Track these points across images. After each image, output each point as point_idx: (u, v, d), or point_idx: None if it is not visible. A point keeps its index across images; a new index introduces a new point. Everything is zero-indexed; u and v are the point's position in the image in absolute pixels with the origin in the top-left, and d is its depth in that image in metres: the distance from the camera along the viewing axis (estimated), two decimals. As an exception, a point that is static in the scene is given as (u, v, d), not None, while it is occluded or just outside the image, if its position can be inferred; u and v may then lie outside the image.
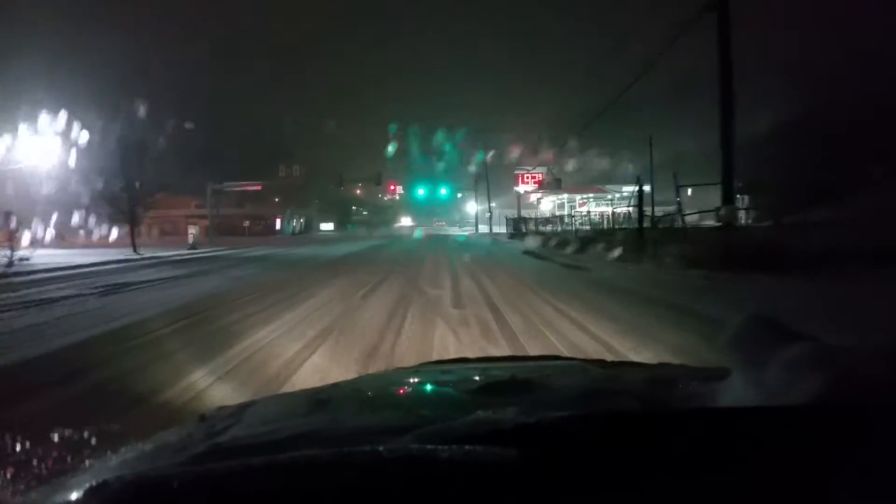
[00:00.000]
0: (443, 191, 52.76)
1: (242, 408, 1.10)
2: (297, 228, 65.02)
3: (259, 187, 48.42)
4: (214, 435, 0.89)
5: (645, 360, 3.92)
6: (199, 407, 3.13)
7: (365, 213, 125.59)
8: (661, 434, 0.60)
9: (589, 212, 46.36)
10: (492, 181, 52.29)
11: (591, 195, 62.64)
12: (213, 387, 3.87)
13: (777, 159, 16.92)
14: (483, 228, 53.12)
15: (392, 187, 53.18)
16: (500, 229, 51.21)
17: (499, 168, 53.86)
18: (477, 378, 1.28)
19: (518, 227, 40.54)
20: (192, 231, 41.74)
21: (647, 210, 20.50)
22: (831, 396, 0.63)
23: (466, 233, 56.06)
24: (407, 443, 0.62)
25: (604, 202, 68.67)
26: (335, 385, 1.41)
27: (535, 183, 52.90)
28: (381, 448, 0.56)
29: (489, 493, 0.53)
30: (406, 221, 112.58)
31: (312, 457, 0.58)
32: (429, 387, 1.41)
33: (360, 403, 1.13)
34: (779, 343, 0.75)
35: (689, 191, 54.00)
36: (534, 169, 52.36)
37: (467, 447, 0.55)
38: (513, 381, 1.11)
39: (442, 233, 59.56)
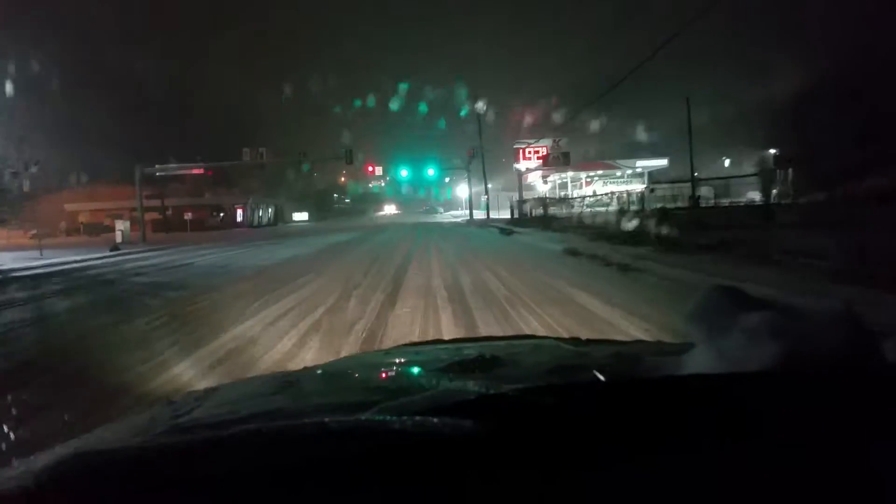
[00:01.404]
0: (430, 171, 44.84)
1: (210, 391, 1.09)
2: (266, 219, 56.93)
3: (202, 171, 40.29)
4: (178, 417, 0.88)
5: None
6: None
7: (347, 201, 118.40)
8: (618, 404, 0.60)
9: (595, 192, 39.45)
10: (487, 162, 44.58)
11: (598, 172, 55.05)
12: None
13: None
14: (479, 214, 45.43)
15: (370, 168, 45.00)
16: (497, 214, 43.55)
17: (496, 147, 46.02)
18: (448, 358, 1.22)
19: (524, 210, 32.85)
20: (121, 227, 33.78)
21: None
22: (789, 364, 0.64)
23: (459, 219, 48.37)
24: (370, 416, 0.61)
25: (611, 181, 61.34)
26: (305, 368, 1.41)
27: (538, 159, 45.14)
28: (326, 419, 0.56)
29: (442, 462, 0.53)
30: (390, 209, 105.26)
31: (255, 431, 0.57)
32: (399, 367, 1.41)
33: (326, 384, 1.11)
34: (740, 312, 0.75)
35: (727, 162, 45.68)
36: (537, 142, 44.56)
37: (419, 418, 0.56)
38: (481, 359, 1.12)
39: (429, 220, 51.68)
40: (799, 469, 0.54)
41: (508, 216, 43.87)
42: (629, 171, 58.77)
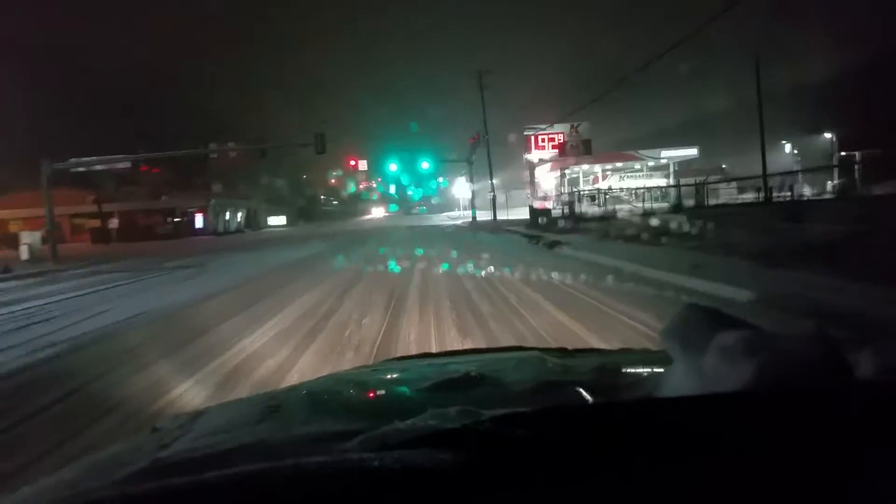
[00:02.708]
0: (424, 164, 37.50)
1: (194, 417, 1.09)
2: (235, 225, 49.30)
3: (131, 166, 32.71)
4: (161, 448, 0.88)
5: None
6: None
7: (335, 203, 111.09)
8: (595, 430, 0.62)
9: (611, 187, 32.51)
10: (483, 158, 37.22)
11: (617, 164, 47.84)
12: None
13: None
14: (482, 215, 38.06)
15: (352, 162, 37.55)
16: (504, 215, 36.25)
17: (499, 141, 38.60)
18: (433, 376, 1.23)
19: (541, 213, 25.56)
20: (27, 240, 26.12)
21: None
22: (763, 383, 0.66)
23: (458, 221, 41.04)
24: (348, 450, 0.64)
25: (629, 174, 54.29)
26: (291, 388, 1.40)
27: (553, 147, 37.85)
28: (303, 461, 0.58)
29: (420, 499, 0.54)
30: (378, 212, 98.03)
31: (236, 475, 0.58)
32: (385, 387, 1.42)
33: (311, 409, 1.11)
34: (716, 331, 0.77)
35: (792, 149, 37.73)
36: (551, 128, 37.31)
37: (397, 453, 0.57)
38: (466, 378, 1.13)
39: (424, 222, 44.28)
40: (774, 486, 0.54)
41: (516, 217, 36.59)
42: (650, 163, 51.65)
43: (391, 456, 0.56)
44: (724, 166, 57.84)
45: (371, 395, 1.32)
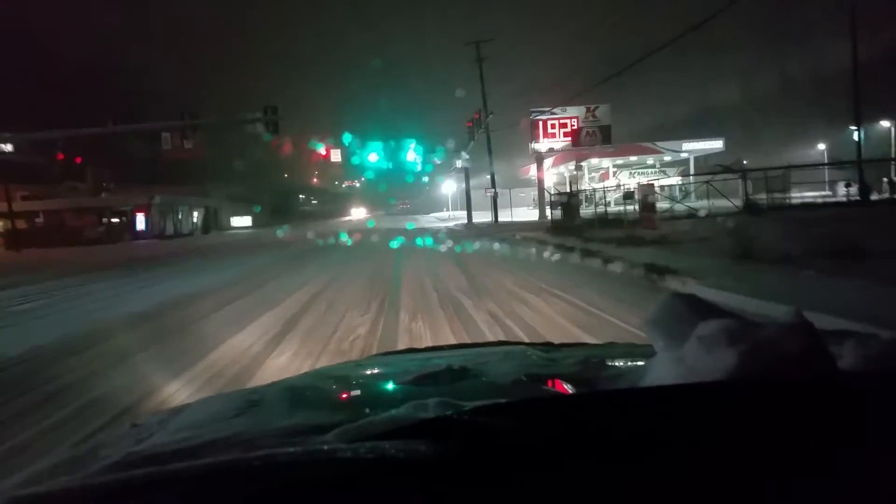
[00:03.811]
0: (411, 154, 31.01)
1: (174, 413, 1.09)
2: (189, 226, 42.36)
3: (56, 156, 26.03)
4: (137, 442, 0.88)
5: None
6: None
7: (314, 202, 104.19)
8: (574, 421, 0.61)
9: (620, 184, 26.48)
10: (480, 150, 30.90)
11: (632, 158, 41.75)
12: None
13: None
14: (480, 216, 31.68)
15: (325, 152, 30.92)
16: (506, 216, 29.94)
17: (499, 128, 32.14)
18: (416, 370, 1.21)
19: (567, 211, 19.28)
20: None
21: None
22: (743, 372, 0.66)
23: (449, 223, 34.63)
24: (324, 442, 0.63)
25: (640, 170, 48.30)
26: (273, 384, 1.35)
27: (565, 135, 31.55)
28: (275, 451, 0.57)
29: (391, 488, 0.54)
30: (359, 212, 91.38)
31: (204, 466, 0.58)
32: (368, 381, 1.42)
33: (292, 403, 1.09)
34: (698, 320, 0.76)
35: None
36: (563, 112, 30.99)
37: (370, 444, 0.56)
38: (449, 370, 1.13)
39: (408, 223, 37.78)
40: (756, 477, 0.54)
41: (520, 219, 30.22)
42: (667, 157, 45.66)
43: (364, 447, 0.55)
44: (744, 161, 52.44)
45: (352, 389, 1.30)
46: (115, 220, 35.93)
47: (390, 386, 1.25)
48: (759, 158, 50.19)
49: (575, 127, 31.35)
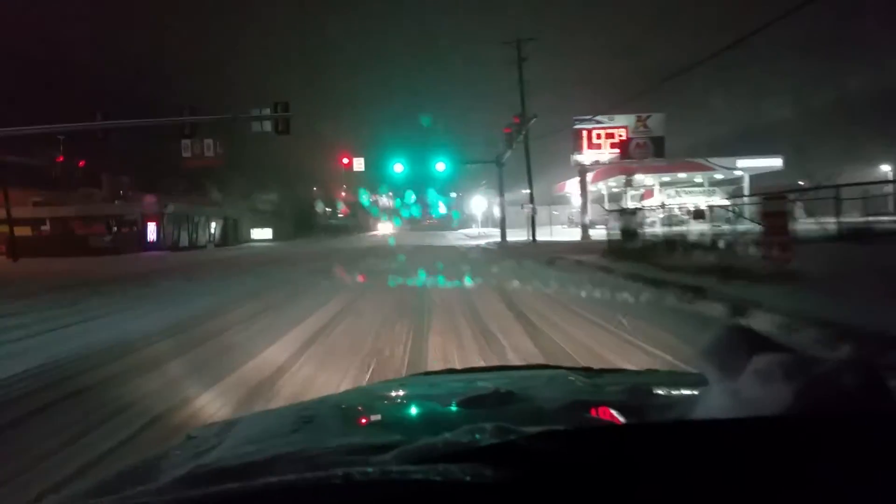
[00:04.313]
0: (439, 165, 28.19)
1: (228, 426, 1.09)
2: (206, 237, 40.27)
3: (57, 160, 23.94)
4: (199, 455, 0.89)
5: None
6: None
7: (340, 215, 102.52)
8: (632, 449, 0.62)
9: (664, 204, 23.11)
10: (512, 166, 27.98)
11: (681, 174, 38.33)
12: None
13: None
14: (513, 234, 28.66)
15: (345, 160, 28.34)
16: (544, 235, 26.85)
17: (537, 140, 29.15)
18: (462, 391, 1.20)
19: (628, 233, 16.19)
20: None
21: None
22: (801, 408, 0.65)
23: (480, 241, 31.69)
24: (387, 462, 0.64)
25: (685, 189, 44.81)
26: (322, 400, 1.40)
27: (612, 147, 28.43)
28: (353, 471, 0.59)
29: None
30: (386, 227, 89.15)
31: (288, 483, 0.60)
32: (415, 401, 1.40)
33: (344, 420, 1.12)
34: (754, 353, 0.76)
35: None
36: (611, 121, 27.89)
37: (441, 466, 0.58)
38: (496, 394, 1.12)
39: (438, 241, 34.86)
40: None
41: (560, 238, 27.10)
42: (718, 176, 42.07)
43: (435, 469, 0.57)
44: (801, 182, 48.52)
45: (402, 408, 1.29)
46: (125, 229, 33.90)
47: (439, 407, 1.20)
48: (816, 178, 46.26)
49: (624, 138, 28.21)
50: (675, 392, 1.18)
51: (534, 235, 26.13)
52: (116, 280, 14.96)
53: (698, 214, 17.46)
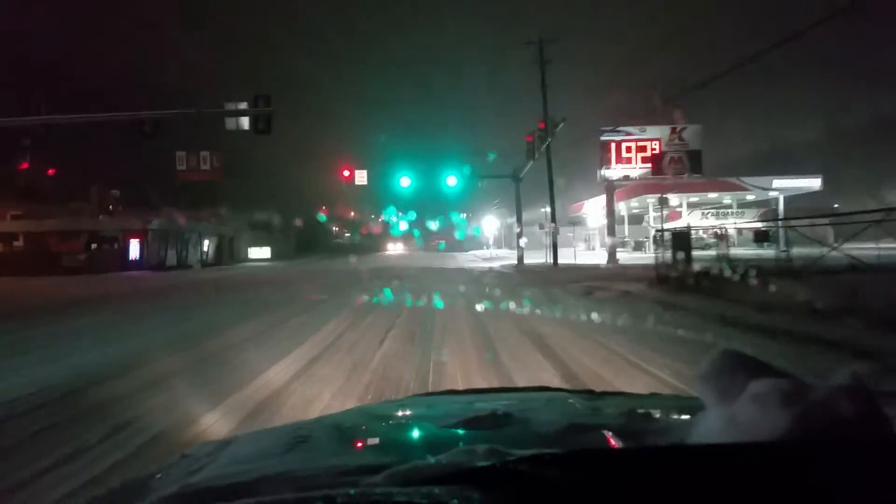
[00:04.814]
0: (450, 179, 25.30)
1: (222, 445, 1.09)
2: (198, 255, 37.48)
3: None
4: (190, 474, 0.90)
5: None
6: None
7: (347, 235, 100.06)
8: (627, 475, 0.62)
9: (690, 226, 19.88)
10: (527, 183, 25.10)
11: (712, 194, 35.29)
12: None
13: None
14: (529, 256, 25.62)
15: (346, 172, 25.48)
16: (566, 258, 23.69)
17: (559, 151, 26.21)
18: (460, 413, 1.20)
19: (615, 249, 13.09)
20: None
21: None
22: (797, 433, 0.65)
23: (493, 263, 28.65)
24: (375, 484, 0.64)
25: (712, 210, 41.67)
26: (318, 420, 1.39)
27: (644, 161, 25.43)
28: (335, 493, 0.59)
29: None
30: (397, 247, 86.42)
31: (272, 502, 0.60)
32: (412, 422, 1.39)
33: (338, 441, 1.11)
34: (750, 378, 0.76)
35: None
36: (642, 132, 24.91)
37: (425, 489, 0.58)
38: (493, 416, 1.11)
39: (447, 264, 31.83)
40: None
41: (580, 261, 24.00)
42: (749, 196, 38.91)
43: (419, 492, 0.56)
44: (836, 206, 45.34)
45: (397, 429, 1.28)
46: (105, 246, 31.13)
47: (435, 429, 1.19)
48: (850, 202, 43.03)
49: (656, 151, 25.23)
50: (674, 416, 1.16)
51: (555, 258, 23.05)
52: (35, 310, 12.00)
53: (761, 236, 14.36)
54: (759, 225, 17.39)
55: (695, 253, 15.57)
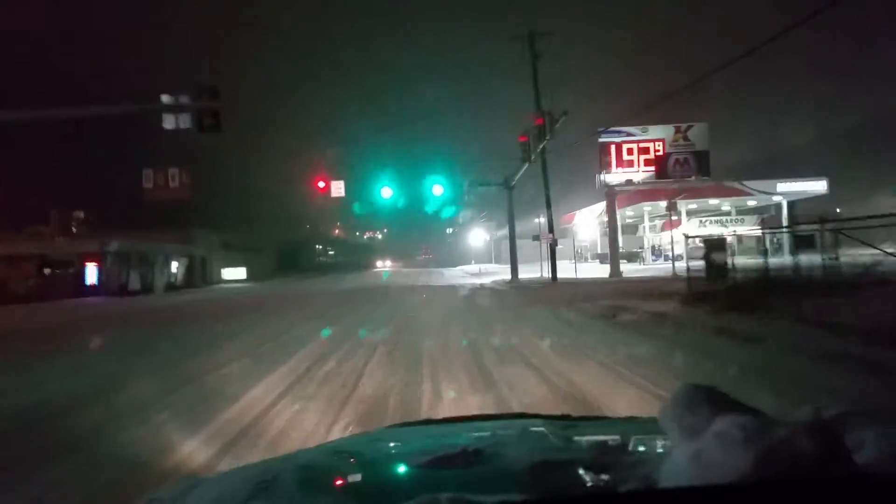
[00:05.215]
0: (436, 188, 23.02)
1: (188, 489, 1.09)
2: (166, 278, 34.72)
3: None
4: None
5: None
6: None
7: (332, 253, 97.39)
8: None
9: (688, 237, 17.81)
10: (517, 196, 23.10)
11: (713, 200, 33.42)
12: None
13: None
14: (524, 270, 23.40)
15: (321, 184, 23.09)
16: (566, 272, 21.38)
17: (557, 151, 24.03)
18: (431, 449, 1.18)
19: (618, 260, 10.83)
20: None
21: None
22: (761, 472, 0.66)
23: (485, 279, 26.35)
24: None
25: (711, 218, 39.92)
26: (287, 458, 1.37)
27: (647, 164, 23.39)
28: None
29: None
30: (386, 264, 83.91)
31: None
32: (381, 462, 1.37)
33: (304, 486, 1.06)
34: (715, 414, 0.76)
35: None
36: (644, 132, 22.92)
37: None
38: (464, 454, 1.10)
39: (434, 280, 29.41)
40: None
41: (582, 275, 21.82)
42: (750, 203, 37.08)
43: None
44: (838, 210, 43.79)
45: (366, 470, 1.28)
46: (59, 271, 28.32)
47: (404, 469, 1.22)
48: (855, 206, 41.49)
49: (660, 152, 23.20)
50: (644, 449, 1.17)
51: (554, 272, 20.77)
52: None
53: (804, 242, 12.15)
54: (801, 229, 15.32)
55: (693, 263, 13.43)
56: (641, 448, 1.20)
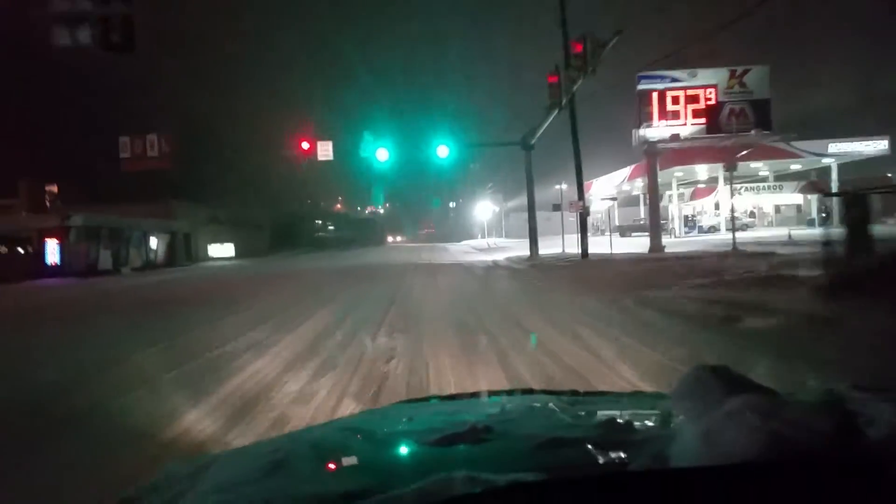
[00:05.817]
0: (442, 149, 19.41)
1: (202, 466, 1.08)
2: (144, 256, 31.43)
3: None
4: (173, 499, 0.91)
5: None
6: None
7: (331, 228, 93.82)
8: (600, 501, 0.64)
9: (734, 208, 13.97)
10: (521, 174, 19.53)
11: (756, 164, 29.66)
12: None
13: None
14: (545, 246, 19.98)
15: (305, 144, 19.35)
16: (599, 247, 17.82)
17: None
18: (441, 427, 1.19)
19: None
20: None
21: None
22: (773, 451, 0.65)
23: (498, 255, 22.98)
24: None
25: (749, 185, 36.18)
26: (296, 436, 1.39)
27: (696, 114, 19.59)
28: None
29: None
30: (396, 239, 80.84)
31: None
32: (391, 439, 1.37)
33: (317, 463, 1.10)
34: (726, 393, 0.76)
35: None
36: (692, 77, 19.12)
37: None
38: (474, 431, 1.11)
39: (438, 257, 25.98)
40: None
41: (617, 249, 18.33)
42: (795, 166, 33.17)
43: None
44: (889, 175, 39.84)
45: (376, 448, 1.29)
46: (17, 249, 25.03)
47: (416, 446, 1.19)
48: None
49: (711, 101, 19.38)
50: (654, 424, 1.16)
51: (584, 248, 17.24)
52: None
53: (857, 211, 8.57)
54: None
55: (739, 235, 9.85)
56: (651, 425, 1.17)
